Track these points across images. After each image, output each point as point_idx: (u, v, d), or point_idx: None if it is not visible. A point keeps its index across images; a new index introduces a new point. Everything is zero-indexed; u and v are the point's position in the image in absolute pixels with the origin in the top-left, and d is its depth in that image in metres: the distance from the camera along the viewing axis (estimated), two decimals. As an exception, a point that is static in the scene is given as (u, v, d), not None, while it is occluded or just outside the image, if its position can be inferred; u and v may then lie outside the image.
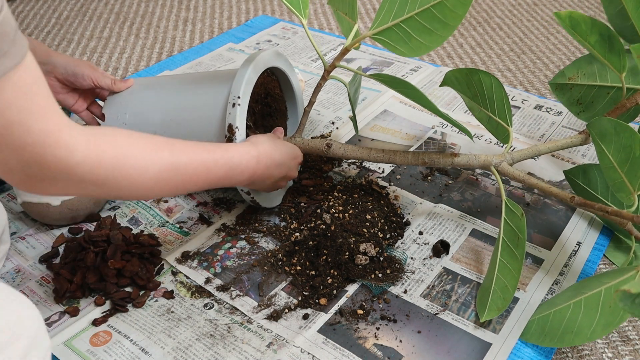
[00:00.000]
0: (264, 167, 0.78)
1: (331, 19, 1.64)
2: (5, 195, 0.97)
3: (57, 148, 0.54)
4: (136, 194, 0.65)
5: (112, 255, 0.81)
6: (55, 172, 0.55)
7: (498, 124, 0.86)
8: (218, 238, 0.89)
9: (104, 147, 0.58)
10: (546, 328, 0.71)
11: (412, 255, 0.86)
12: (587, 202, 0.76)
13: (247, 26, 1.58)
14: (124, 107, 0.92)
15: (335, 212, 0.88)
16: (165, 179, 0.65)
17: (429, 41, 0.77)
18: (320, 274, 0.81)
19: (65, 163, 0.55)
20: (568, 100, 0.96)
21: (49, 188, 0.57)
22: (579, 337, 0.68)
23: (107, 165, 0.58)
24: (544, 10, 1.69)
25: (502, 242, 0.78)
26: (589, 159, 1.06)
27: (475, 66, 1.40)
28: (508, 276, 0.76)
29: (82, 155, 0.56)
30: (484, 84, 0.83)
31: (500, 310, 0.75)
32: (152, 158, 0.63)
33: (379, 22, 0.79)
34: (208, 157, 0.70)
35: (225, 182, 0.74)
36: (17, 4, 1.71)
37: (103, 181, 0.59)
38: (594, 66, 0.92)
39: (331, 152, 0.90)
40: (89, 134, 0.57)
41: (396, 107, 1.21)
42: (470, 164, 0.85)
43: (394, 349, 0.73)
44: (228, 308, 0.79)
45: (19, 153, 0.52)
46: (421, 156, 0.86)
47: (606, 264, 0.87)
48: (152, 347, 0.73)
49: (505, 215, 0.78)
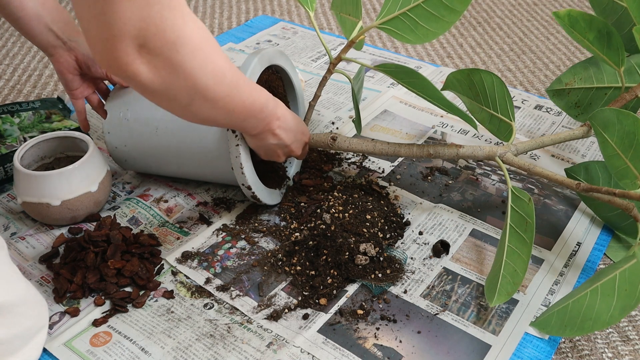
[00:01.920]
0: (277, 123, 0.79)
1: (331, 19, 1.64)
2: (5, 195, 0.97)
3: (177, 16, 0.55)
4: (207, 103, 0.65)
5: (112, 255, 0.81)
6: (167, 42, 0.55)
7: (500, 121, 0.87)
8: (218, 238, 0.89)
9: (204, 34, 0.60)
10: (566, 319, 0.72)
11: (412, 255, 0.86)
12: (592, 187, 0.77)
13: (247, 26, 1.57)
14: (126, 103, 0.93)
15: (335, 212, 0.88)
16: (232, 95, 0.67)
17: (436, 27, 0.79)
18: (320, 274, 0.81)
19: (179, 33, 0.56)
20: (566, 104, 0.97)
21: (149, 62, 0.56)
22: (597, 323, 0.69)
23: (204, 54, 0.60)
24: (544, 10, 1.68)
25: (509, 229, 0.78)
26: (589, 158, 1.06)
27: (475, 66, 1.40)
28: (517, 261, 0.76)
29: (191, 34, 0.57)
30: (486, 83, 0.84)
31: (509, 294, 0.75)
32: (230, 67, 0.66)
33: (386, 12, 0.80)
34: (254, 89, 0.73)
35: (252, 122, 0.75)
36: (17, 4, 1.71)
37: (195, 70, 0.60)
38: (590, 70, 0.93)
39: (336, 145, 0.91)
40: (195, 17, 0.59)
41: (396, 107, 1.21)
42: (475, 155, 0.86)
43: (394, 349, 0.73)
44: (228, 308, 0.79)
45: (147, 9, 0.52)
46: (426, 148, 0.87)
47: (606, 263, 0.87)
48: (152, 347, 0.73)
49: (512, 203, 0.78)
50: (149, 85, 0.59)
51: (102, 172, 0.90)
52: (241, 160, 0.84)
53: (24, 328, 0.65)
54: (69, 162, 0.89)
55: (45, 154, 0.95)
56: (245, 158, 0.84)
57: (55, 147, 0.95)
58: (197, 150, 0.89)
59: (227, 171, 0.87)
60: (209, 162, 0.90)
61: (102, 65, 0.56)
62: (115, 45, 0.54)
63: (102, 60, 0.56)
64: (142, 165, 0.97)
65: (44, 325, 0.69)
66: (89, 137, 0.92)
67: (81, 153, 0.93)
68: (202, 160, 0.90)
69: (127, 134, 0.93)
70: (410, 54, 1.46)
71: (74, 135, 0.94)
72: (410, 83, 0.82)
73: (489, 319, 0.77)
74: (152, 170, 0.97)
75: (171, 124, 0.89)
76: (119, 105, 0.93)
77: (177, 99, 0.63)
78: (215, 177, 0.95)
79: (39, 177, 0.85)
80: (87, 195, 0.88)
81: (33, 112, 1.08)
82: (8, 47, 1.48)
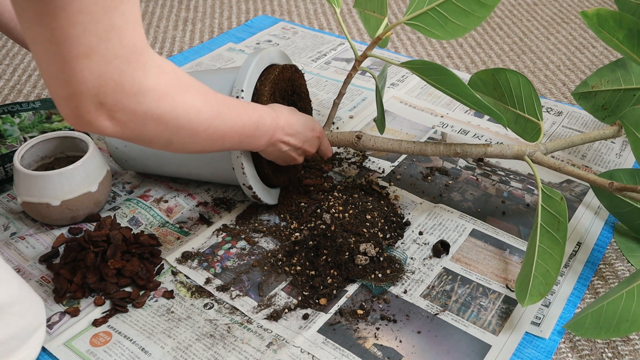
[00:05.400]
0: (281, 132, 0.78)
1: (331, 19, 1.64)
2: (5, 195, 0.97)
3: (137, 68, 0.53)
4: (188, 139, 0.64)
5: (112, 255, 0.81)
6: (127, 96, 0.53)
7: (527, 122, 0.86)
8: (218, 238, 0.89)
9: (169, 78, 0.58)
10: (600, 320, 0.70)
11: (412, 255, 0.86)
12: (626, 186, 0.76)
13: (247, 26, 1.58)
14: None
15: (335, 212, 0.88)
16: (214, 126, 0.65)
17: (466, 23, 0.78)
18: (320, 274, 0.81)
19: (139, 86, 0.54)
20: (593, 107, 0.96)
21: (112, 118, 0.54)
22: (635, 325, 0.67)
23: (170, 99, 0.58)
24: (544, 10, 1.68)
25: (540, 229, 0.76)
26: (592, 163, 1.06)
27: (475, 66, 1.40)
28: (549, 261, 0.75)
29: (154, 83, 0.55)
30: (511, 83, 0.83)
31: (542, 295, 0.73)
32: (206, 100, 0.64)
33: (414, 7, 0.79)
34: (243, 111, 0.71)
35: (250, 141, 0.74)
36: (17, 4, 1.71)
37: (164, 116, 0.58)
38: (617, 73, 0.92)
39: (361, 144, 0.89)
40: (160, 63, 0.57)
41: (396, 107, 1.21)
42: (503, 154, 0.85)
43: (394, 349, 0.73)
44: (228, 308, 0.79)
45: (105, 65, 0.50)
46: (453, 147, 0.86)
47: (606, 264, 0.87)
48: (152, 347, 0.73)
49: (542, 203, 0.77)
50: (120, 136, 0.57)
51: (102, 172, 0.90)
52: (242, 160, 0.84)
53: (20, 328, 0.65)
54: (69, 162, 0.89)
55: (45, 154, 0.95)
56: (246, 158, 0.84)
57: (55, 147, 0.95)
58: None
59: (228, 171, 0.87)
60: (209, 161, 0.90)
61: (68, 121, 0.55)
62: (76, 103, 0.52)
63: (66, 117, 0.54)
64: (142, 166, 0.97)
65: (42, 323, 0.69)
66: (89, 137, 0.92)
67: (81, 153, 0.93)
68: (203, 160, 0.90)
69: None
70: (410, 54, 1.46)
71: (74, 135, 0.94)
72: (438, 80, 0.80)
73: (489, 319, 0.77)
74: (152, 171, 0.97)
75: None
76: None
77: (154, 142, 0.62)
78: (216, 177, 0.95)
79: (39, 177, 0.85)
80: (87, 195, 0.88)
81: (33, 112, 1.08)
82: (8, 47, 1.48)
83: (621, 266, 0.86)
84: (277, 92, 0.88)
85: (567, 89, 1.31)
